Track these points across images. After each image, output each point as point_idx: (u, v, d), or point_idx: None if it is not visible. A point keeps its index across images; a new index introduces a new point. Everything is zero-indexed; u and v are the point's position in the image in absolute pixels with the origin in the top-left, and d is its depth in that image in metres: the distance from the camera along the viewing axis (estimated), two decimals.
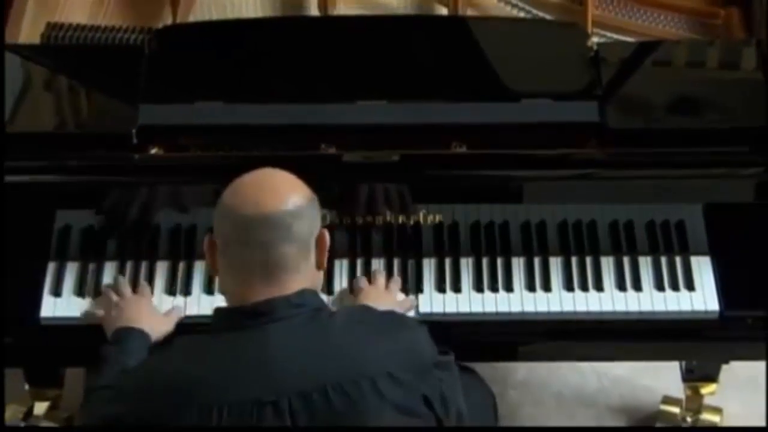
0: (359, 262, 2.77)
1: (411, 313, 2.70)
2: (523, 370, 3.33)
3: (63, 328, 2.73)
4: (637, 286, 2.75)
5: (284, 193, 2.26)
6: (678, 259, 2.77)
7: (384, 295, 2.69)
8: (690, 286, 2.75)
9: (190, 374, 2.23)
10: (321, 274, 2.36)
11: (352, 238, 2.76)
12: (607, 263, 2.78)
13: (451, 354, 2.37)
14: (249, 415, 2.19)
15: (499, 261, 2.78)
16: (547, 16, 3.05)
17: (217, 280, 2.70)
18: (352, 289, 2.74)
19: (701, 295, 2.74)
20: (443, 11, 3.08)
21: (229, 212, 2.26)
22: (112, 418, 2.28)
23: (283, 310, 2.24)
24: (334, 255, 2.70)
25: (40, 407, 3.13)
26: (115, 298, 2.70)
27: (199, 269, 2.77)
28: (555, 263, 2.77)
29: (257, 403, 2.19)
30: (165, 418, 2.21)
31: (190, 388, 2.21)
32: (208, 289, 2.75)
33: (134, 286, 2.74)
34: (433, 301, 2.73)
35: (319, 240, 2.32)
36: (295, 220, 2.25)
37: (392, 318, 2.39)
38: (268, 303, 2.24)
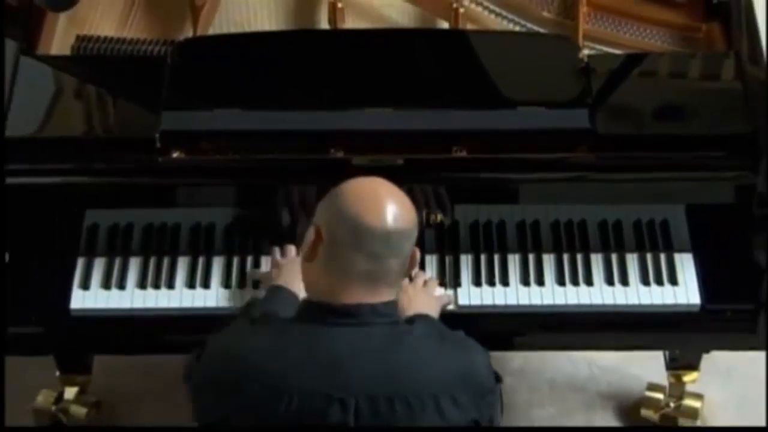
0: None
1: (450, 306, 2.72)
2: (518, 358, 3.33)
3: (91, 318, 2.74)
4: (624, 281, 2.75)
5: (405, 214, 2.23)
6: (662, 256, 2.78)
7: (421, 292, 2.68)
8: (673, 281, 2.75)
9: (272, 352, 2.22)
10: None
11: None
12: (597, 259, 2.78)
13: (501, 381, 2.37)
14: (317, 406, 2.18)
15: (496, 257, 2.78)
16: (542, 30, 3.05)
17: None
18: None
19: (684, 290, 2.74)
20: (445, 25, 3.08)
21: (348, 219, 2.21)
22: (190, 369, 2.33)
23: (369, 316, 2.22)
24: None
25: (70, 392, 3.14)
26: (279, 257, 2.71)
27: (218, 264, 2.78)
28: (548, 259, 2.78)
29: (326, 398, 2.18)
30: (235, 390, 2.21)
31: (267, 368, 2.20)
32: (226, 283, 2.76)
33: (157, 279, 2.75)
34: None
35: (411, 256, 2.29)
36: (406, 239, 2.24)
37: (463, 341, 2.33)
38: (358, 307, 2.21)
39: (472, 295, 2.74)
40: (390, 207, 2.22)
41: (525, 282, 2.76)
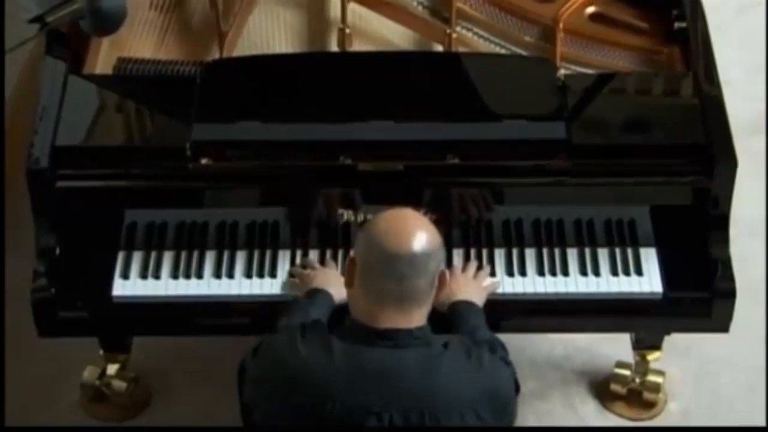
0: None
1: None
2: (503, 340, 3.32)
3: (130, 304, 2.74)
4: (596, 272, 2.76)
5: (427, 237, 2.21)
6: (629, 250, 2.78)
7: (471, 281, 2.68)
8: (639, 272, 2.75)
9: (321, 364, 2.21)
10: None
11: None
12: (572, 253, 2.79)
13: (519, 391, 2.37)
14: (355, 417, 2.17)
15: (484, 251, 2.79)
16: (524, 52, 3.05)
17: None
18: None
19: (648, 279, 2.75)
20: (440, 48, 3.08)
21: (376, 246, 2.20)
22: (246, 362, 2.32)
23: (406, 340, 2.21)
24: (349, 246, 2.71)
25: (112, 368, 3.13)
26: (307, 270, 2.70)
27: (240, 257, 2.78)
28: (530, 253, 2.78)
29: (365, 410, 2.17)
30: (285, 391, 2.21)
31: (318, 375, 2.20)
32: (248, 274, 2.76)
33: (188, 269, 2.75)
34: None
35: (441, 277, 2.28)
36: (430, 259, 2.21)
37: (490, 361, 2.30)
38: (396, 331, 2.21)
39: None
40: (412, 233, 2.21)
41: (509, 273, 2.76)
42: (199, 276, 2.75)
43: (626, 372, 3.17)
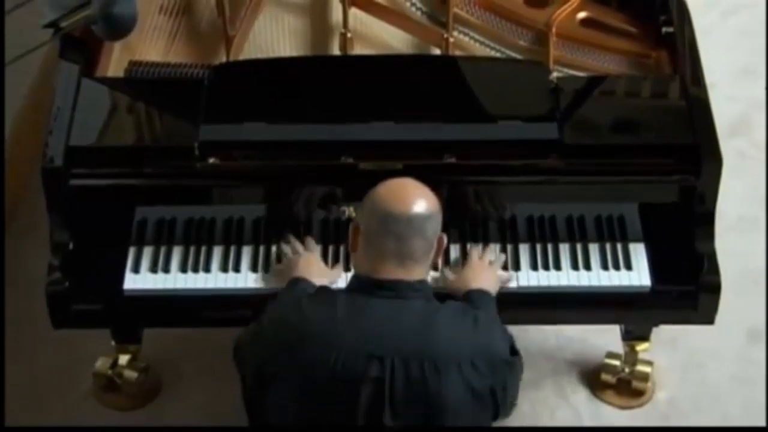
0: None
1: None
2: None
3: (141, 297, 2.75)
4: (587, 266, 2.77)
5: (424, 201, 2.32)
6: (619, 245, 2.79)
7: (487, 268, 2.70)
8: (628, 266, 2.76)
9: (325, 317, 2.26)
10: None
11: None
12: (564, 248, 2.80)
13: (519, 355, 2.42)
14: (359, 363, 2.21)
15: (480, 247, 2.78)
16: (518, 56, 3.06)
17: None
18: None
19: (637, 274, 2.75)
20: (437, 51, 3.08)
21: (378, 208, 2.31)
22: (251, 334, 2.37)
23: (406, 291, 2.28)
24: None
25: (123, 359, 3.14)
26: (289, 253, 2.72)
27: (246, 252, 2.79)
28: (524, 248, 2.79)
29: (368, 356, 2.21)
30: (293, 349, 2.24)
31: (322, 328, 2.25)
32: (253, 268, 2.77)
33: (196, 264, 2.75)
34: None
35: (438, 241, 2.36)
36: (426, 221, 2.31)
37: (487, 321, 2.38)
38: (396, 282, 2.28)
39: None
40: (411, 196, 2.31)
41: (504, 267, 2.76)
42: (207, 270, 2.76)
43: (616, 362, 3.18)
